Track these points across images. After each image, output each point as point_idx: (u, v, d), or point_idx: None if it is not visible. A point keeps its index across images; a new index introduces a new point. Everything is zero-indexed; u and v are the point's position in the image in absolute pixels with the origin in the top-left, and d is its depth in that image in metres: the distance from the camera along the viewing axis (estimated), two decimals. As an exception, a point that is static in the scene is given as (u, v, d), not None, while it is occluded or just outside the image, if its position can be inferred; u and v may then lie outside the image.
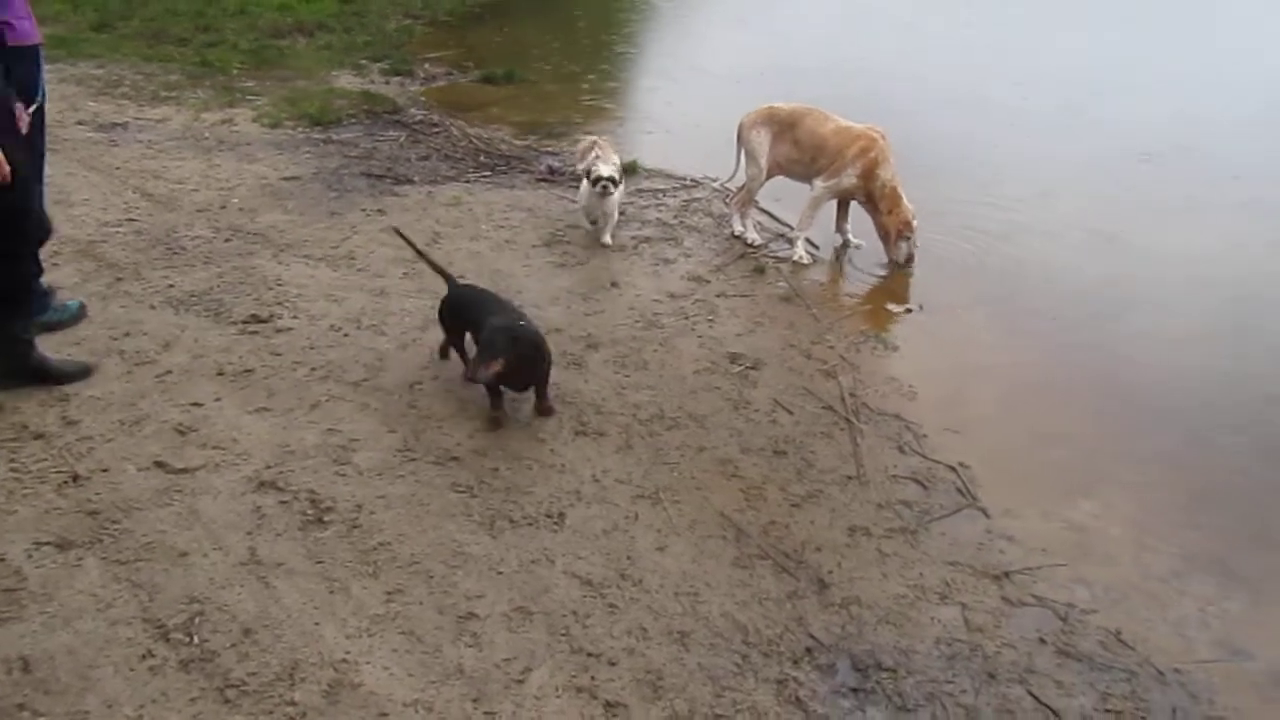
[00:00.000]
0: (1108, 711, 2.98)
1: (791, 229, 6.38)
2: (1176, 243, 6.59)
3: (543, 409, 4.30)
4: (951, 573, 3.53)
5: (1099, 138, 8.92)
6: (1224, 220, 7.02)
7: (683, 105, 9.57)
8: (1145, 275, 6.10)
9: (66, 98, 8.40)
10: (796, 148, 6.16)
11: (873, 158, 5.89)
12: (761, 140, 6.24)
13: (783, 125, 6.22)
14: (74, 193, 6.36)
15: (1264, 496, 4.10)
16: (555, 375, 4.48)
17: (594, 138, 6.49)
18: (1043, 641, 3.24)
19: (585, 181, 6.07)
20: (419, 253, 4.76)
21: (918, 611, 3.34)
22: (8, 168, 3.66)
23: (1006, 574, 3.53)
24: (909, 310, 5.60)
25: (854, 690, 3.02)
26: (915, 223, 5.94)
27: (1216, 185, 7.77)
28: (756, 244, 6.30)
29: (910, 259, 6.06)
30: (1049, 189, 7.49)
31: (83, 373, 4.28)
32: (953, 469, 4.11)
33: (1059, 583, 3.51)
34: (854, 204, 6.27)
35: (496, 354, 3.90)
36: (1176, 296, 5.82)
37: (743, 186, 6.43)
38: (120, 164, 7.06)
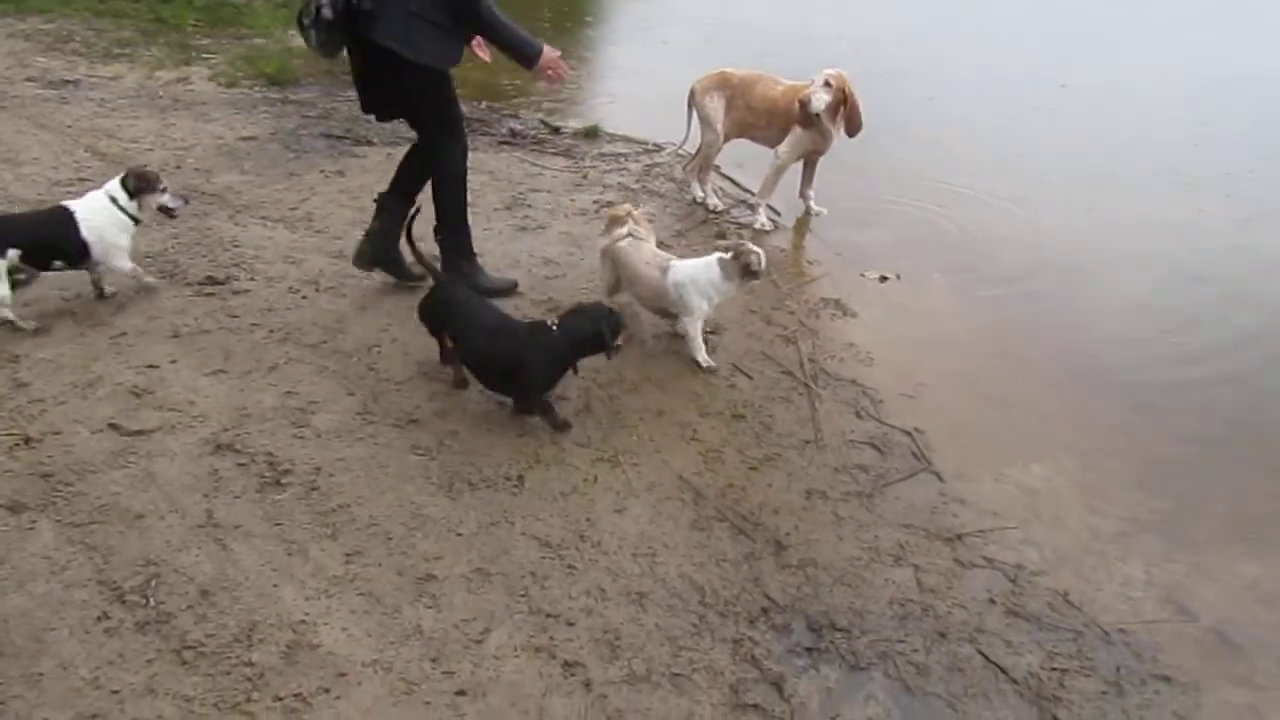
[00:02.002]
0: (1054, 670, 3.05)
1: (753, 195, 6.39)
2: (1136, 216, 6.67)
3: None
4: (905, 535, 3.58)
5: (1064, 110, 8.99)
6: (1186, 194, 7.11)
7: (648, 69, 9.54)
8: (1103, 247, 6.18)
9: (15, 53, 8.22)
10: (751, 113, 6.13)
11: None
12: (716, 106, 6.20)
13: (735, 91, 6.18)
14: (23, 151, 6.25)
15: (1210, 461, 4.18)
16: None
17: (627, 206, 4.87)
18: (993, 602, 3.30)
19: (690, 269, 4.49)
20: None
21: (872, 573, 3.39)
22: None
23: (959, 536, 3.59)
24: (884, 279, 5.58)
25: (808, 649, 3.06)
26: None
27: (1181, 158, 7.87)
28: (717, 209, 6.31)
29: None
30: (1010, 158, 7.56)
31: None
32: (908, 434, 4.16)
33: (1009, 545, 3.57)
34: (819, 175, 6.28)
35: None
36: (1133, 269, 5.89)
37: (699, 152, 6.41)
38: (71, 122, 6.93)
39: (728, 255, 4.45)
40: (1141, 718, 2.92)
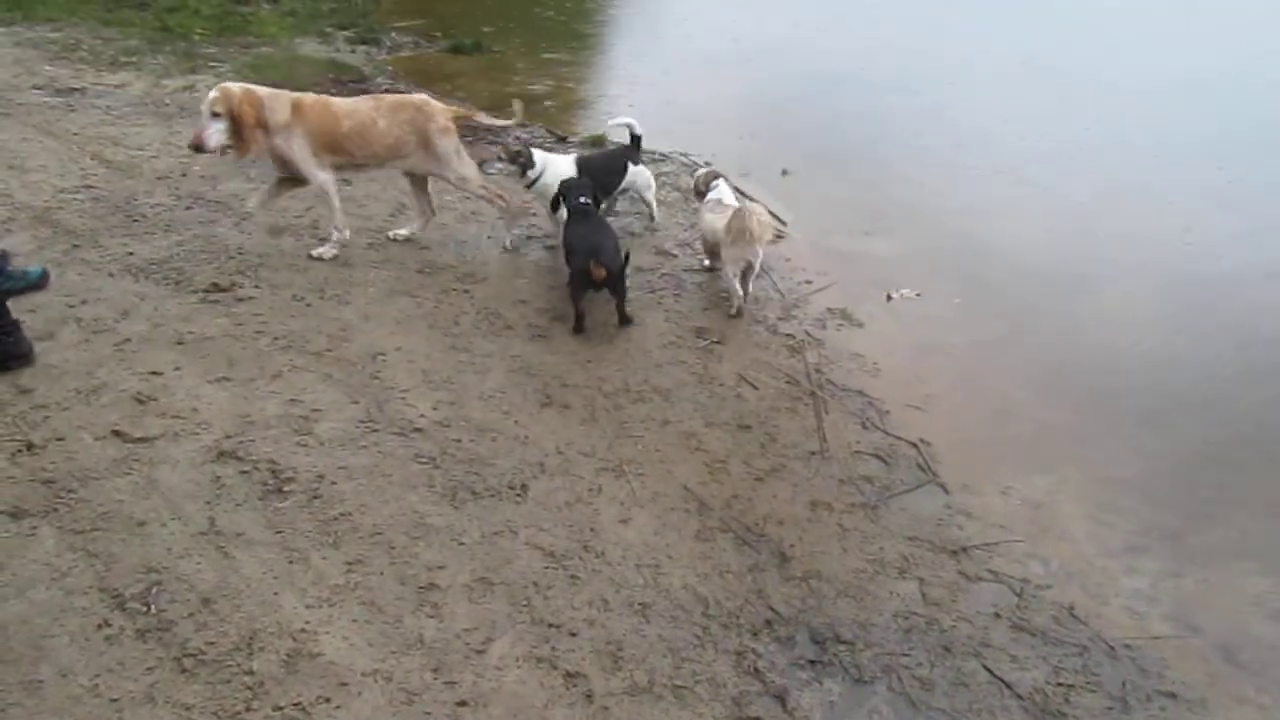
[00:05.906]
0: (1059, 685, 3.03)
1: (751, 200, 6.38)
2: (1137, 226, 6.64)
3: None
4: (910, 548, 3.56)
5: (1065, 119, 8.97)
6: (1185, 205, 7.09)
7: (654, 80, 9.52)
8: (1106, 257, 6.16)
9: (22, 61, 8.23)
10: None
11: None
12: None
13: None
14: (30, 158, 6.25)
15: (1216, 474, 4.17)
16: (520, 348, 4.50)
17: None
18: (998, 616, 3.29)
19: None
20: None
21: (876, 585, 3.38)
22: None
23: (964, 549, 3.57)
24: (889, 297, 5.55)
25: (812, 662, 3.05)
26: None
27: (1182, 171, 7.85)
28: None
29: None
30: (1012, 169, 7.53)
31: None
32: (914, 445, 4.15)
33: (1015, 558, 3.56)
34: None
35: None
36: (1135, 279, 5.88)
37: None
38: (78, 130, 6.93)
39: None
40: (1148, 733, 2.90)
